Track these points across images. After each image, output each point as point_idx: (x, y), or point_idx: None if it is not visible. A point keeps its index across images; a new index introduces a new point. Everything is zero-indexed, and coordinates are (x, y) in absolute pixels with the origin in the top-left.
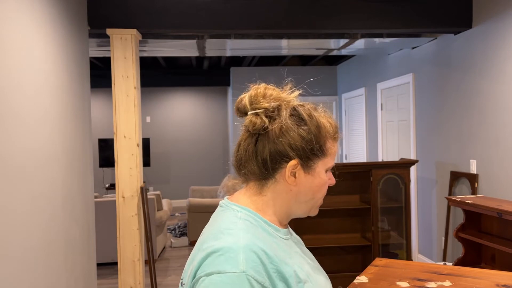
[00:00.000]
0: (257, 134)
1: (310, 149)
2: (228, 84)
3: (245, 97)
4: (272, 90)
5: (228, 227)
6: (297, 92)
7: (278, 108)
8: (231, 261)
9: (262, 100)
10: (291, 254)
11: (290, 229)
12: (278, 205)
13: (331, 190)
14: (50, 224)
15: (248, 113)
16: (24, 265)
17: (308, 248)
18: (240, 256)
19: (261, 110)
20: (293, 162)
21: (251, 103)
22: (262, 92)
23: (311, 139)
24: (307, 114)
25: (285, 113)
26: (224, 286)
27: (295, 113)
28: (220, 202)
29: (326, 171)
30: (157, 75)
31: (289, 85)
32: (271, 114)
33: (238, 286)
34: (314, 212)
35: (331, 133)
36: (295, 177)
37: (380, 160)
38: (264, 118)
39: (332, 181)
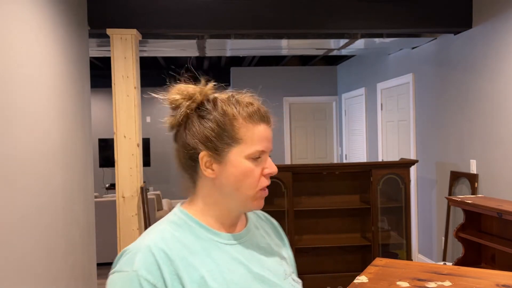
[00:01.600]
0: (175, 131)
1: (218, 138)
2: (228, 84)
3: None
4: (188, 86)
5: (149, 229)
6: (211, 84)
7: (184, 102)
8: (128, 260)
9: (175, 96)
10: (219, 260)
11: (255, 230)
12: (212, 203)
13: (331, 190)
14: (50, 224)
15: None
16: (24, 265)
17: (308, 248)
18: (137, 256)
19: (173, 106)
20: (201, 154)
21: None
22: (177, 88)
23: (215, 128)
24: (213, 103)
25: (186, 104)
26: (117, 284)
27: (201, 105)
28: None
29: (251, 158)
30: (157, 75)
31: (204, 78)
32: (177, 109)
33: (128, 284)
34: (255, 206)
35: (246, 117)
36: (212, 169)
37: (380, 160)
38: (174, 114)
39: (269, 169)
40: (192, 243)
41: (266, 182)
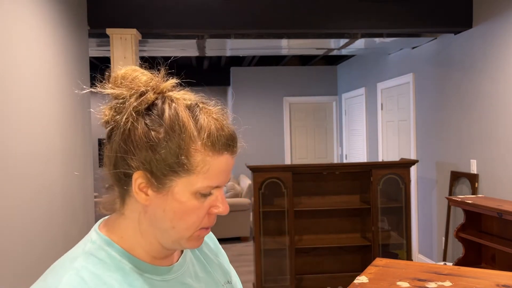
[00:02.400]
0: (110, 127)
1: (162, 161)
2: (228, 84)
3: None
4: (142, 74)
5: (62, 265)
6: (172, 81)
7: (130, 99)
8: None
9: (120, 91)
10: None
11: (192, 256)
12: (142, 231)
13: (331, 190)
14: (50, 224)
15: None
16: (24, 265)
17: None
18: None
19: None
20: (136, 175)
21: (112, 85)
22: (129, 73)
23: (162, 146)
24: (169, 112)
25: (133, 104)
26: None
27: (153, 107)
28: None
29: (200, 193)
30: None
31: (164, 69)
32: (121, 106)
33: None
34: (190, 246)
35: (207, 143)
36: (147, 195)
37: (380, 160)
38: (112, 110)
39: (219, 208)
40: (120, 284)
41: (210, 222)
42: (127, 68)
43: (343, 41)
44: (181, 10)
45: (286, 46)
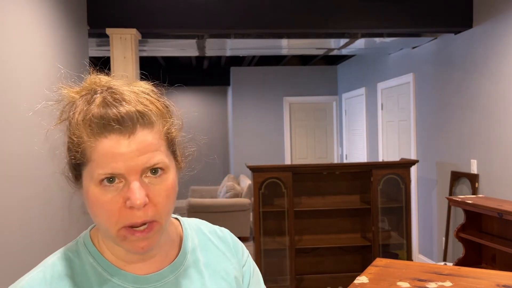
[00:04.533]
0: None
1: (68, 153)
2: (228, 84)
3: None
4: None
5: (44, 261)
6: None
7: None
8: None
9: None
10: None
11: (191, 266)
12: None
13: (331, 190)
14: (49, 224)
15: None
16: (23, 266)
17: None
18: None
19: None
20: (62, 165)
21: None
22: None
23: (65, 132)
24: (68, 93)
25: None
26: None
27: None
28: None
29: (100, 183)
30: (156, 75)
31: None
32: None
33: None
34: (128, 247)
35: (85, 125)
36: (75, 188)
37: (380, 160)
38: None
39: (130, 200)
40: (83, 284)
41: (128, 219)
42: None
43: (343, 41)
44: (181, 10)
45: (286, 46)
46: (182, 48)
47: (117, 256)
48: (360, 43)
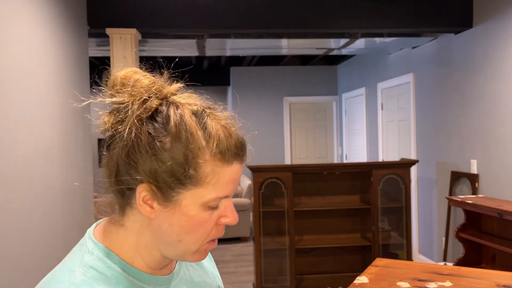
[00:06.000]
0: (111, 134)
1: (169, 173)
2: (228, 84)
3: (116, 78)
4: (143, 77)
5: (60, 279)
6: (176, 85)
7: (132, 106)
8: None
9: (125, 89)
10: None
11: (188, 267)
12: (143, 244)
13: (331, 190)
14: (49, 224)
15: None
16: (23, 266)
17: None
18: None
19: (116, 104)
20: (141, 188)
21: (112, 90)
22: (130, 76)
23: (168, 158)
24: (175, 119)
25: (135, 113)
26: None
27: (157, 115)
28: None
29: (209, 205)
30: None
31: (167, 72)
32: (122, 114)
33: None
34: (194, 259)
35: (216, 153)
36: (152, 208)
37: (380, 160)
38: (112, 117)
39: (228, 219)
40: None
41: (218, 233)
42: (127, 70)
43: (343, 41)
44: (181, 10)
45: (286, 46)
46: (182, 48)
47: (147, 265)
48: (360, 43)
